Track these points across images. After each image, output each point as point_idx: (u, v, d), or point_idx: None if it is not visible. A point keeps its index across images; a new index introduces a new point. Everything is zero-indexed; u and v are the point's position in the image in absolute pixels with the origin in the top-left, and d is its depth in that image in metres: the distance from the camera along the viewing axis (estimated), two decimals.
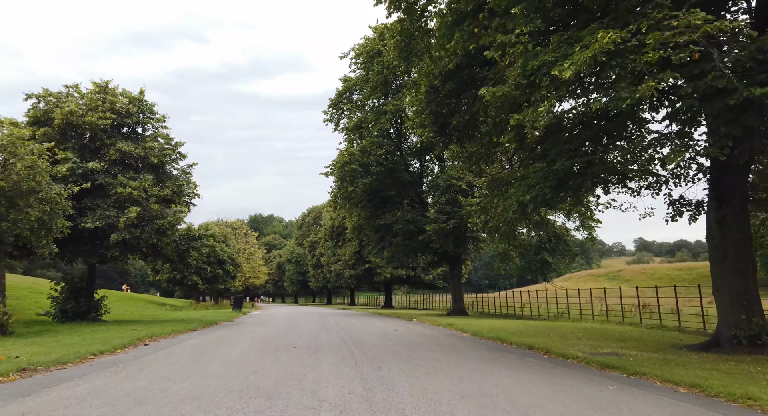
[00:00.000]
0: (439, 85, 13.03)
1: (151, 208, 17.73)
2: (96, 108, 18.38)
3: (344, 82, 32.59)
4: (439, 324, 19.94)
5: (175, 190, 19.27)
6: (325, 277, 64.52)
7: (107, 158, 18.26)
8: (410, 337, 13.82)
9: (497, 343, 12.94)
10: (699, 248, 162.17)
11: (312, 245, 72.33)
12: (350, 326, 18.26)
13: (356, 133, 30.93)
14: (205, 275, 46.66)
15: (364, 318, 25.17)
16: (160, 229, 17.63)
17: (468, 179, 26.70)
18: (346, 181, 28.48)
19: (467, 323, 19.86)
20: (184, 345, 11.17)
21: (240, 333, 14.86)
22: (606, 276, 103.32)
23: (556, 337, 13.89)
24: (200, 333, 14.61)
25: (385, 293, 54.55)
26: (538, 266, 30.61)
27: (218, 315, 26.61)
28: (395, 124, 31.36)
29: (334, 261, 53.55)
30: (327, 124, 33.82)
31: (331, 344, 11.29)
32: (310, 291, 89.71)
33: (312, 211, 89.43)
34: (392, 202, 31.52)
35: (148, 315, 26.50)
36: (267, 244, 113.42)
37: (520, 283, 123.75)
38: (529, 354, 10.50)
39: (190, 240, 21.18)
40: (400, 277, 48.99)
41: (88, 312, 18.72)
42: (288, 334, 14.18)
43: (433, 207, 27.69)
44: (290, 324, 19.65)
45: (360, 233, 36.18)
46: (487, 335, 14.62)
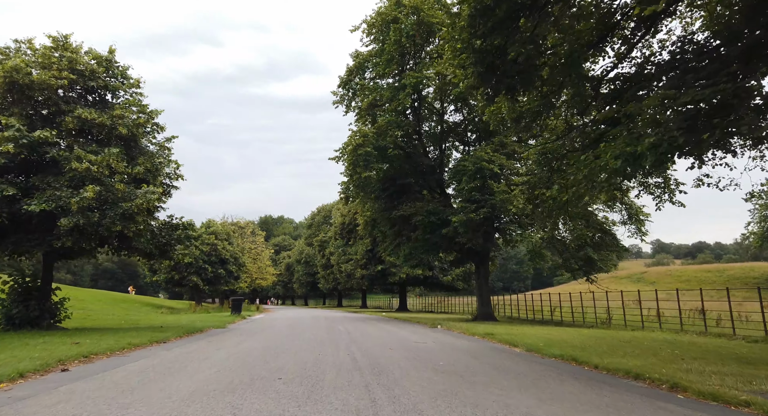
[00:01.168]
0: (491, 3, 9.22)
1: (116, 187, 14.15)
2: (50, 66, 14.89)
3: (355, 58, 28.86)
4: (473, 333, 16.08)
5: (149, 168, 15.69)
6: (335, 278, 60.83)
7: (63, 127, 14.74)
8: (448, 356, 9.99)
9: (575, 366, 9.07)
10: (719, 250, 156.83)
11: (322, 244, 68.73)
12: (364, 336, 14.50)
13: (369, 114, 27.19)
14: (205, 275, 43.28)
15: (379, 325, 21.41)
16: (126, 214, 14.04)
17: (500, 162, 22.78)
18: (359, 166, 24.75)
19: (507, 332, 15.98)
20: (117, 372, 7.48)
21: (218, 348, 11.16)
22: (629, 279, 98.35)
23: (652, 357, 9.96)
24: (165, 348, 10.96)
25: (400, 295, 50.68)
26: (581, 264, 26.62)
27: (211, 320, 23.05)
28: (414, 102, 27.56)
29: (345, 261, 49.76)
30: (336, 106, 30.14)
31: (339, 371, 7.52)
32: (320, 293, 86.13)
33: (322, 210, 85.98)
34: (410, 192, 27.71)
35: (130, 320, 23.01)
36: (277, 245, 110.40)
37: (535, 285, 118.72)
38: (652, 393, 6.62)
39: (171, 230, 17.59)
40: (417, 278, 45.11)
41: (41, 319, 15.21)
42: (281, 351, 10.45)
43: (459, 195, 23.82)
44: (290, 333, 15.95)
45: (373, 229, 32.36)
46: (549, 352, 10.76)
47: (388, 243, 30.09)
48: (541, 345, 11.91)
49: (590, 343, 12.67)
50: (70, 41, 15.95)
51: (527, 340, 12.99)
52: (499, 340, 13.71)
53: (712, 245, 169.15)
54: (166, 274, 42.12)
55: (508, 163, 23.28)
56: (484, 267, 28.22)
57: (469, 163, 22.88)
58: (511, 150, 24.23)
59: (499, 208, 22.00)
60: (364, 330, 17.15)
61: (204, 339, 13.64)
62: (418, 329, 18.98)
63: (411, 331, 17.45)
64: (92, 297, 36.69)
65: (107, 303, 35.09)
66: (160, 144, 16.92)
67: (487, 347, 12.24)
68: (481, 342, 13.64)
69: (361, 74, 28.97)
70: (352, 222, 50.27)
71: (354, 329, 17.83)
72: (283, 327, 19.33)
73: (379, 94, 26.62)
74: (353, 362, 8.50)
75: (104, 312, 28.33)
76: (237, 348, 10.95)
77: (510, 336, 14.18)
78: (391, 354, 9.91)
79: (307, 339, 13.00)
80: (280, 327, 19.33)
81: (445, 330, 18.77)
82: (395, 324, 22.05)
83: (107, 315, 26.27)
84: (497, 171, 22.28)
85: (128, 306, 36.66)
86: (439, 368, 8.05)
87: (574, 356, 9.98)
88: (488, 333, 15.20)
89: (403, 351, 10.42)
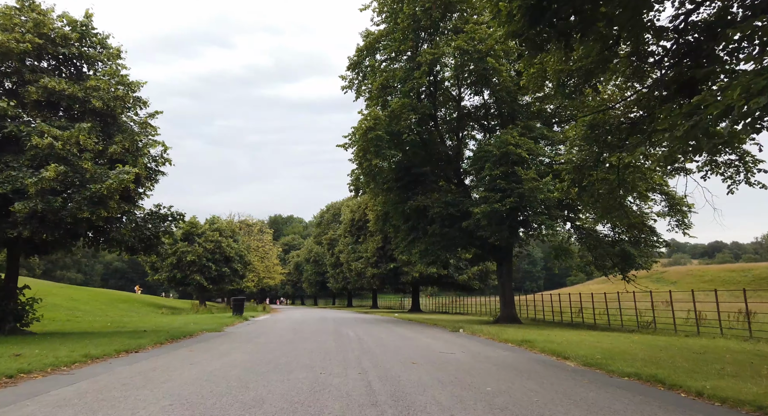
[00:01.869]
0: None
1: (83, 167, 11.98)
2: (12, 28, 12.79)
3: (365, 38, 26.49)
4: (504, 340, 13.66)
5: (128, 148, 13.50)
6: (345, 277, 58.59)
7: (26, 98, 12.64)
8: (493, 377, 7.60)
9: (668, 392, 6.65)
10: (736, 249, 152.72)
11: (331, 242, 66.58)
12: (378, 344, 12.19)
13: (381, 97, 24.84)
14: (209, 274, 41.31)
15: (393, 328, 19.08)
16: (95, 198, 11.86)
17: (528, 147, 20.29)
18: (370, 152, 22.40)
19: (545, 338, 13.55)
20: (9, 412, 5.23)
21: (193, 362, 8.90)
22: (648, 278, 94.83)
23: (759, 377, 7.51)
24: (128, 362, 8.73)
25: (413, 295, 48.28)
26: (616, 260, 24.05)
27: (209, 322, 20.92)
28: (430, 86, 25.17)
29: (355, 259, 47.45)
30: (346, 91, 27.84)
31: (346, 408, 5.18)
32: (329, 293, 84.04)
33: (331, 207, 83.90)
34: (426, 182, 25.33)
35: (119, 322, 20.94)
36: (286, 245, 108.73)
37: (548, 286, 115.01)
38: None
39: (158, 221, 15.42)
40: (430, 277, 42.70)
41: (3, 321, 13.10)
42: (271, 367, 8.17)
43: (480, 184, 21.38)
44: (291, 339, 13.69)
45: (385, 224, 29.99)
46: (616, 368, 8.35)
47: (401, 239, 27.72)
48: (599, 358, 9.49)
49: (659, 356, 10.20)
50: (39, 2, 13.85)
51: (578, 350, 10.57)
52: (542, 350, 11.29)
53: (729, 244, 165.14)
54: (168, 273, 40.21)
55: (537, 147, 20.77)
56: (507, 265, 25.74)
57: (493, 147, 20.42)
58: (539, 134, 21.74)
59: (527, 197, 19.53)
60: (378, 336, 14.82)
61: (186, 346, 11.41)
62: (438, 333, 16.61)
63: (431, 337, 15.09)
64: (91, 297, 34.86)
65: (105, 304, 33.20)
66: (143, 121, 14.72)
67: (531, 360, 9.83)
68: (520, 352, 11.23)
69: (372, 55, 26.63)
70: (362, 218, 47.99)
71: (365, 334, 15.50)
72: (284, 331, 17.08)
73: (391, 75, 24.26)
74: (367, 388, 6.16)
75: (97, 313, 26.38)
76: (217, 362, 8.68)
77: (552, 345, 11.76)
78: (417, 373, 7.55)
79: (308, 350, 10.70)
80: (282, 331, 17.08)
81: (469, 335, 16.38)
82: (411, 328, 19.70)
83: (98, 316, 24.27)
84: (525, 156, 19.79)
85: (127, 307, 34.76)
86: (491, 400, 5.67)
87: (655, 375, 7.56)
88: (525, 341, 12.78)
89: (432, 369, 8.07)
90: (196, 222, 42.69)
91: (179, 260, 40.19)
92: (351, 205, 52.16)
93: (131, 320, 22.98)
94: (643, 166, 12.76)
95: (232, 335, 15.28)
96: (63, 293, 32.25)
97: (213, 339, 13.62)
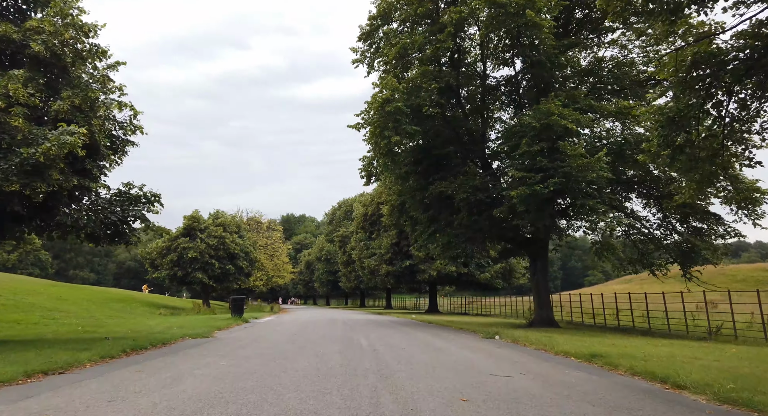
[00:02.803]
0: None
1: (12, 125, 9.07)
2: None
3: (378, 4, 23.35)
4: (563, 352, 10.43)
5: (78, 105, 10.55)
6: (357, 276, 55.53)
7: None
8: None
9: None
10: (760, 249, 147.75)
11: (343, 240, 63.62)
12: (401, 360, 9.06)
13: (399, 67, 21.69)
14: (212, 272, 38.59)
15: (416, 334, 15.91)
16: (29, 166, 8.96)
17: (575, 118, 16.94)
18: (388, 128, 19.24)
19: (617, 351, 10.28)
20: None
21: (122, 397, 5.85)
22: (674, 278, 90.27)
23: None
24: (21, 394, 5.73)
25: (430, 295, 45.00)
26: (675, 255, 20.60)
27: (200, 326, 18.00)
28: (454, 54, 21.95)
29: (368, 256, 44.29)
30: (357, 65, 24.74)
31: None
32: (341, 293, 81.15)
33: (343, 204, 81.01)
34: (449, 165, 22.12)
35: (96, 325, 18.14)
36: (298, 244, 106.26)
37: (565, 286, 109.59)
38: None
39: (128, 204, 12.49)
40: (449, 276, 39.40)
41: None
42: (238, 407, 5.08)
43: (515, 164, 18.06)
44: (286, 351, 10.64)
45: (401, 216, 26.80)
46: None
47: (419, 232, 24.52)
48: (734, 388, 6.26)
49: None
50: None
51: (684, 373, 7.31)
52: (631, 370, 8.04)
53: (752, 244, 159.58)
54: (169, 271, 37.58)
55: (585, 118, 17.39)
56: (543, 261, 22.41)
57: (531, 118, 17.12)
58: (586, 105, 18.36)
59: (574, 177, 16.21)
60: (398, 346, 11.68)
61: (139, 364, 8.39)
62: (471, 341, 13.41)
63: (466, 346, 11.90)
64: (84, 297, 32.34)
65: (97, 304, 30.63)
66: (101, 76, 11.76)
67: (632, 390, 6.60)
68: (602, 374, 7.98)
69: (387, 23, 23.45)
70: (375, 212, 44.88)
71: (382, 343, 12.36)
72: (283, 338, 14.03)
73: (410, 43, 21.07)
74: None
75: (81, 314, 23.69)
76: (155, 396, 5.62)
77: (637, 362, 8.52)
78: None
79: (302, 371, 7.59)
80: (280, 338, 14.03)
81: (510, 343, 13.15)
82: (436, 333, 16.52)
83: (78, 318, 21.54)
84: (573, 128, 16.46)
85: (122, 307, 32.17)
86: None
87: None
88: (596, 355, 9.51)
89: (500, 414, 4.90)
90: (199, 217, 40.04)
91: (180, 257, 37.55)
92: (364, 199, 49.13)
93: (114, 322, 20.21)
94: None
95: (216, 343, 12.28)
96: (51, 292, 29.75)
97: (186, 350, 10.63)
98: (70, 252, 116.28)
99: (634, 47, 22.01)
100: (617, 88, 20.97)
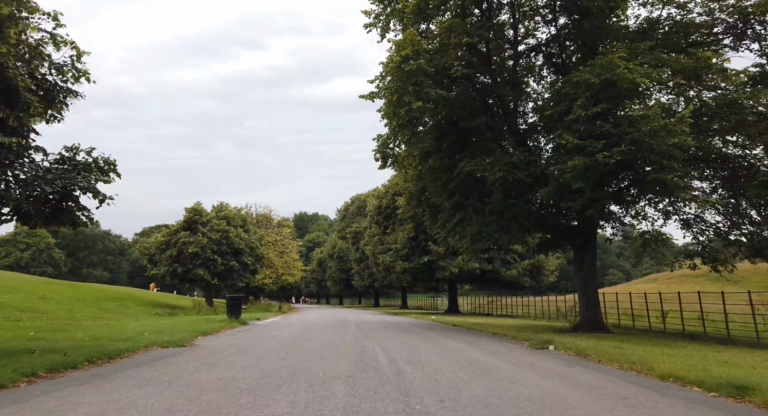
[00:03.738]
0: None
1: None
2: None
3: None
4: (680, 379, 7.09)
5: None
6: (371, 274, 52.32)
7: None
8: None
9: None
10: None
11: (355, 236, 60.49)
12: (440, 389, 5.81)
13: (418, 22, 18.38)
14: (215, 269, 35.74)
15: (444, 342, 12.61)
16: None
17: (645, 72, 13.43)
18: (407, 93, 15.98)
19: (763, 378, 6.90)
20: None
21: None
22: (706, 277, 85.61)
23: None
24: None
25: (450, 294, 41.59)
26: (753, 247, 17.03)
27: (185, 329, 14.97)
28: (485, 8, 18.58)
29: (383, 251, 40.98)
30: (370, 30, 21.48)
31: None
32: (355, 292, 78.06)
33: (356, 200, 77.98)
34: (480, 140, 18.76)
35: (59, 329, 15.22)
36: (311, 242, 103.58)
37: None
38: None
39: (73, 172, 9.48)
40: (472, 273, 35.93)
41: None
42: None
43: (572, 127, 14.51)
44: (273, 373, 7.46)
45: (420, 204, 23.49)
46: None
47: (442, 222, 21.18)
48: None
49: None
50: None
51: None
52: None
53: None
54: (167, 267, 34.83)
55: (658, 72, 13.84)
56: (590, 253, 18.95)
57: (589, 74, 13.67)
58: (653, 59, 14.81)
59: (647, 144, 12.75)
60: (430, 364, 8.40)
61: (19, 403, 5.27)
62: (524, 355, 10.08)
63: (524, 365, 8.57)
64: (75, 295, 29.72)
65: (88, 303, 27.96)
66: None
67: None
68: None
69: None
70: (390, 205, 41.61)
71: (407, 359, 9.07)
72: (274, 350, 10.84)
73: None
74: None
75: (60, 314, 20.91)
76: None
77: None
78: None
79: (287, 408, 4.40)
80: (271, 349, 10.84)
81: (576, 358, 9.81)
82: (471, 342, 13.20)
83: (51, 319, 18.70)
84: (644, 83, 12.96)
85: (116, 307, 29.46)
86: None
87: None
88: (741, 387, 6.15)
89: None
90: (201, 210, 37.23)
91: (180, 252, 34.76)
92: (377, 192, 45.90)
93: (87, 325, 17.30)
94: None
95: (184, 358, 9.16)
96: (36, 289, 27.16)
97: (128, 371, 7.52)
98: (83, 250, 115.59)
99: (695, 5, 18.41)
100: (683, 45, 17.38)
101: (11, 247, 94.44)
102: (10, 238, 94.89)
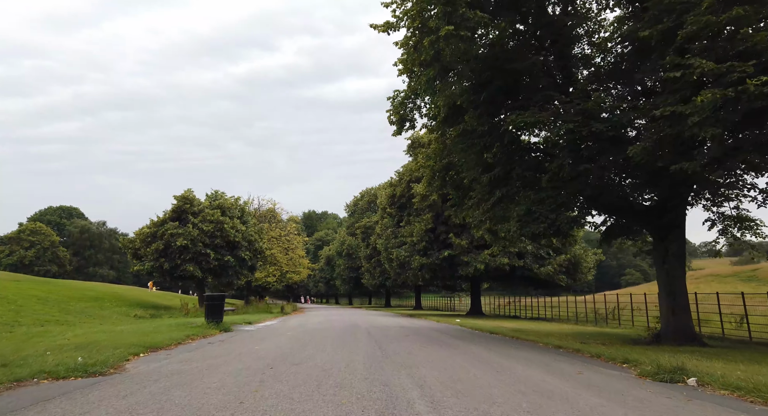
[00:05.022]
0: None
1: None
2: None
3: None
4: None
5: None
6: (382, 271, 47.82)
7: None
8: None
9: None
10: None
11: (365, 231, 56.11)
12: None
13: None
14: (206, 264, 31.51)
15: (505, 364, 8.10)
16: None
17: None
18: (434, 17, 11.52)
19: None
20: None
21: None
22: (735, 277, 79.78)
23: None
24: None
25: (472, 294, 36.97)
26: None
27: (135, 340, 10.63)
28: None
29: (396, 245, 36.43)
30: None
31: None
32: (365, 291, 73.49)
33: (365, 194, 73.66)
34: (531, 87, 14.19)
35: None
36: (319, 240, 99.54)
37: (599, 287, 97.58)
38: None
39: None
40: (499, 269, 31.26)
41: None
42: None
43: (690, 44, 9.87)
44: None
45: (444, 184, 18.85)
46: None
47: (475, 202, 16.70)
48: None
49: None
50: None
51: None
52: None
53: None
54: (153, 262, 30.65)
55: None
56: (678, 241, 14.33)
57: None
58: None
59: None
60: None
61: None
62: (648, 394, 5.60)
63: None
64: (39, 294, 25.69)
65: (53, 303, 23.85)
66: None
67: None
68: None
69: None
70: (405, 193, 37.08)
71: (468, 405, 4.63)
72: (237, 382, 6.38)
73: None
74: None
75: (2, 318, 16.73)
76: None
77: None
78: None
79: None
80: (232, 380, 6.37)
81: (744, 401, 5.31)
82: (544, 364, 8.67)
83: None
84: None
85: (87, 307, 25.31)
86: None
87: None
88: None
89: None
90: (192, 198, 33.03)
91: (167, 245, 30.58)
92: (392, 179, 41.40)
93: (18, 333, 13.07)
94: None
95: (77, 400, 4.77)
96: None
97: None
98: (89, 249, 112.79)
99: None
100: None
101: (15, 245, 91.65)
102: (14, 236, 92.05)
